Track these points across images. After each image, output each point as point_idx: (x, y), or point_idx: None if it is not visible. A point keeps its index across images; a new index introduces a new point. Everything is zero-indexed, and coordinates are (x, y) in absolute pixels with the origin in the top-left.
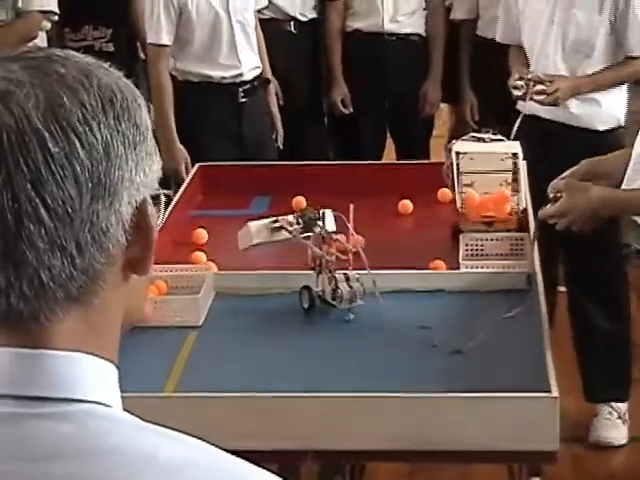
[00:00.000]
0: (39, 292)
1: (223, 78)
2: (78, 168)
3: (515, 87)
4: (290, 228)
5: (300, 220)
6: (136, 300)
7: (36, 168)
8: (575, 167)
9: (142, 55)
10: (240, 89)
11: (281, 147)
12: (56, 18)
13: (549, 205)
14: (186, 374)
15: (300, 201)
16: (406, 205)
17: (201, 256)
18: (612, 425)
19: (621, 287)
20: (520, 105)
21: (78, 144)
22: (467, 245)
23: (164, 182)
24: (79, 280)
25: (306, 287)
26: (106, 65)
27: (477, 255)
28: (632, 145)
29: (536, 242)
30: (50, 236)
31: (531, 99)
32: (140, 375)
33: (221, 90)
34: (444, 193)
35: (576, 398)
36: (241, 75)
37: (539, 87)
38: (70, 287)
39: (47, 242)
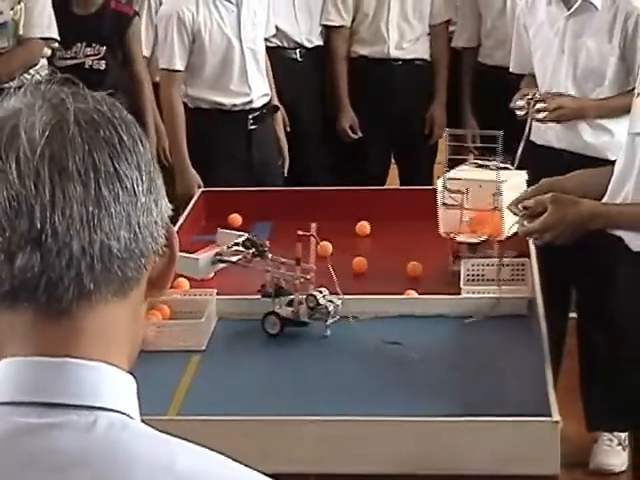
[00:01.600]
0: (105, 264)
1: (234, 105)
2: (140, 157)
3: (517, 108)
4: (234, 259)
5: (249, 247)
6: (142, 326)
7: (112, 144)
8: (535, 186)
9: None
10: (250, 116)
11: (285, 174)
12: (56, 45)
13: (523, 221)
14: (189, 398)
15: (235, 218)
16: (364, 226)
17: (184, 282)
18: (612, 452)
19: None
20: (534, 135)
21: (138, 140)
22: (468, 270)
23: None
24: (135, 261)
25: (272, 312)
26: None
27: (478, 280)
28: None
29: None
30: (122, 206)
31: (533, 117)
32: (143, 399)
33: (231, 117)
34: (363, 226)
35: (578, 423)
36: (251, 102)
37: (541, 105)
38: (127, 267)
39: (119, 212)
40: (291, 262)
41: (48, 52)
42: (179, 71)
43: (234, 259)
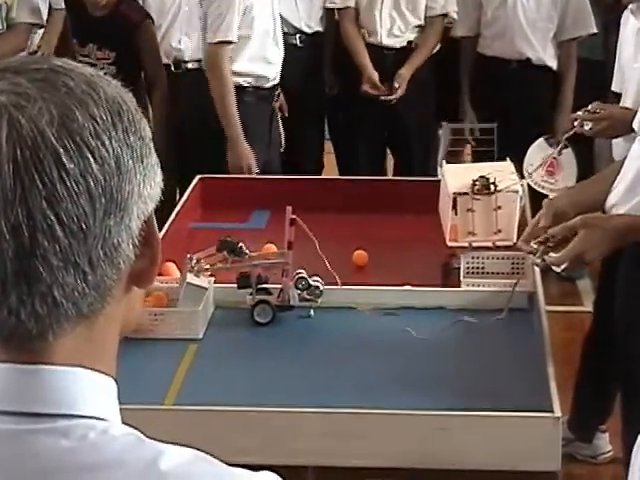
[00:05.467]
0: (51, 310)
1: (273, 78)
2: (92, 183)
3: (573, 119)
4: (220, 264)
5: (226, 249)
6: (133, 312)
7: (51, 184)
8: (543, 212)
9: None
10: (274, 93)
11: (282, 150)
12: (42, 30)
13: (547, 252)
14: (186, 387)
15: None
16: (361, 256)
17: (172, 267)
18: None
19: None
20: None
21: (91, 159)
22: (468, 263)
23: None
24: (90, 297)
25: (263, 301)
26: (103, 74)
27: (478, 273)
28: None
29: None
30: (64, 253)
31: (581, 127)
32: (140, 388)
33: (262, 94)
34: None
35: None
36: (275, 78)
37: (591, 115)
38: (81, 304)
39: (61, 259)
40: (266, 255)
41: (35, 39)
42: (232, 43)
43: (219, 266)
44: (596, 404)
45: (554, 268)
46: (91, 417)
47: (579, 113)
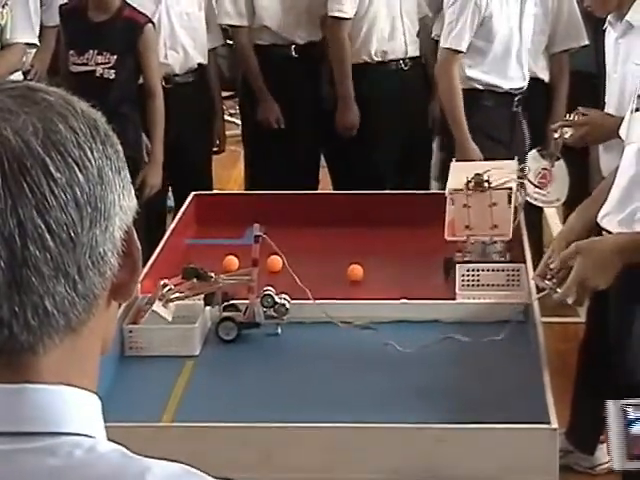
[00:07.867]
0: (42, 321)
1: (511, 89)
2: (78, 192)
3: (554, 130)
4: (187, 292)
5: (192, 277)
6: (110, 329)
7: (40, 193)
8: (548, 253)
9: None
10: (514, 98)
11: None
12: (34, 51)
13: (548, 281)
14: (183, 404)
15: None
16: (356, 270)
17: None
18: None
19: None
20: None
21: (76, 168)
22: (463, 276)
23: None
24: (80, 306)
25: (227, 318)
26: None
27: (473, 286)
28: None
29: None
30: (55, 262)
31: (562, 138)
32: (137, 405)
33: (500, 99)
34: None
35: None
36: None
37: (571, 122)
38: (71, 314)
39: (52, 268)
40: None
41: (28, 58)
42: (463, 52)
43: (188, 292)
44: (593, 413)
45: (566, 302)
46: (77, 434)
47: (558, 123)
